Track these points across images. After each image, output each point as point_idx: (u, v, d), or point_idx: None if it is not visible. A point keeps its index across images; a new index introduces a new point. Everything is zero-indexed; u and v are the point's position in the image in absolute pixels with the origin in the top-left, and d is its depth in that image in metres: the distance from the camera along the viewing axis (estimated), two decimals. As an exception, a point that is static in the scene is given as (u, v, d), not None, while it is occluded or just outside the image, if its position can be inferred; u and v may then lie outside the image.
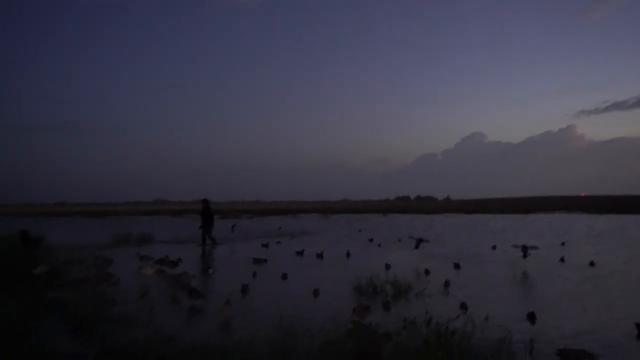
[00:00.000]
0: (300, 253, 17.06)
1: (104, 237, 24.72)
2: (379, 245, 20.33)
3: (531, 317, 7.70)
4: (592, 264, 13.73)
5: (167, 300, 9.07)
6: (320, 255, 16.00)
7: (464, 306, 8.22)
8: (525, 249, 15.02)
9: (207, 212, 18.91)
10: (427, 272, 12.17)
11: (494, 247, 18.34)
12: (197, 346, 5.73)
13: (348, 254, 16.48)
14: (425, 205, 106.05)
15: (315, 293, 9.53)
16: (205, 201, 19.52)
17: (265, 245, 19.72)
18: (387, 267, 12.96)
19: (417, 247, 18.19)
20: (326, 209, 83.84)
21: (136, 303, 8.87)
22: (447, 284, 10.52)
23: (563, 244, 19.55)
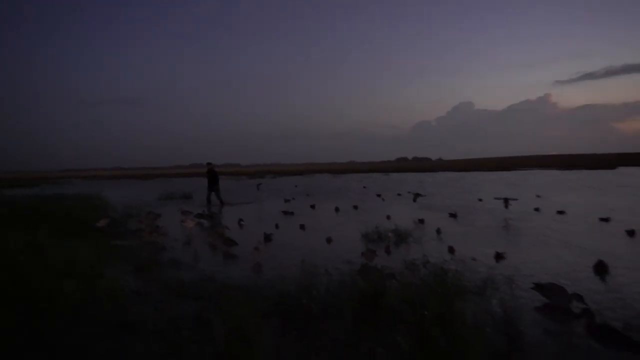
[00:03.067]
0: (312, 207, 17.14)
1: (154, 196, 25.28)
2: (383, 199, 20.44)
3: (499, 256, 7.89)
4: (561, 212, 13.82)
5: (207, 247, 9.35)
6: (337, 209, 16.14)
7: (451, 250, 8.35)
8: (506, 201, 15.08)
9: (212, 174, 17.93)
10: (422, 221, 12.32)
11: (480, 200, 18.42)
12: (233, 284, 6.01)
13: (356, 207, 16.60)
14: (422, 165, 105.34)
15: (329, 240, 9.72)
16: (209, 164, 18.27)
17: (288, 201, 20.00)
18: (388, 217, 13.09)
19: (414, 200, 18.34)
20: (336, 170, 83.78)
21: (181, 250, 9.16)
22: (439, 231, 10.67)
23: (538, 196, 19.53)
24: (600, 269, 6.91)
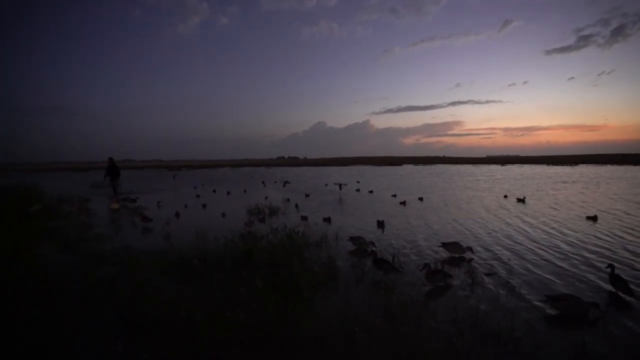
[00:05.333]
0: (214, 191, 16.25)
1: (87, 185, 21.52)
2: (264, 185, 20.28)
3: (328, 220, 8.41)
4: (371, 191, 15.22)
5: (128, 224, 8.33)
6: (228, 193, 15.55)
7: (304, 218, 8.67)
8: (340, 185, 16.13)
9: (112, 166, 14.69)
10: (288, 200, 12.56)
11: (326, 185, 19.38)
12: (146, 251, 5.47)
13: (245, 191, 16.25)
14: (294, 161, 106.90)
15: (223, 215, 9.36)
16: (110, 159, 14.76)
17: (196, 187, 18.66)
18: (266, 197, 13.07)
19: (284, 185, 18.56)
20: (234, 164, 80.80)
21: (106, 227, 8.00)
22: (297, 206, 10.98)
23: (358, 182, 21.16)
24: (380, 224, 7.79)
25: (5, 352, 2.63)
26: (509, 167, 44.14)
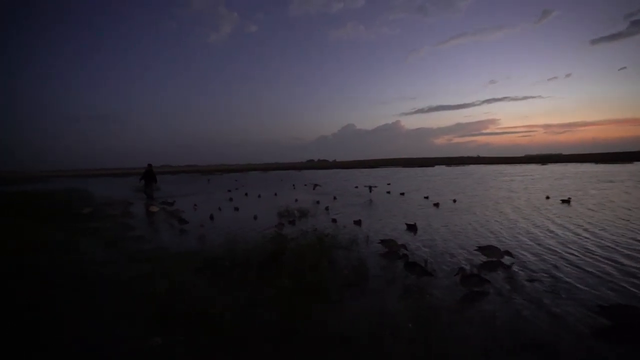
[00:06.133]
0: (246, 194, 16.71)
1: (130, 189, 22.84)
2: (294, 188, 20.50)
3: (358, 222, 8.29)
4: (402, 194, 14.88)
5: (165, 226, 8.72)
6: (259, 196, 15.87)
7: (334, 220, 8.63)
8: (370, 187, 15.91)
9: (149, 173, 14.90)
10: (318, 202, 12.58)
11: (356, 187, 19.22)
12: (181, 251, 5.69)
13: (275, 194, 16.51)
14: (323, 164, 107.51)
15: (255, 218, 9.52)
16: (149, 165, 14.94)
17: (229, 191, 19.27)
18: (296, 200, 13.19)
19: (314, 188, 18.65)
20: (265, 168, 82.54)
21: (145, 228, 8.44)
22: (327, 208, 10.96)
23: (389, 184, 20.81)
24: (412, 227, 7.54)
25: (53, 339, 2.82)
26: (549, 166, 41.38)
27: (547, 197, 12.15)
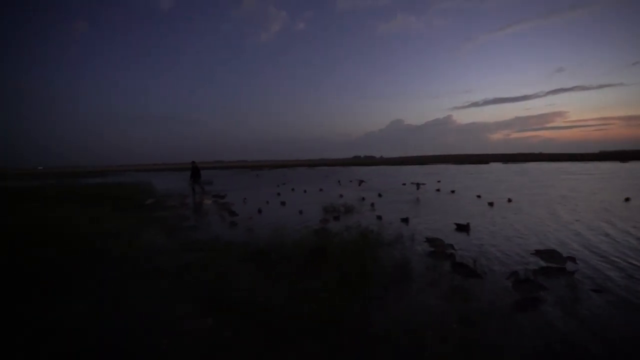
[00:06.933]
0: (292, 190, 17.03)
1: (186, 182, 24.68)
2: (340, 183, 20.50)
3: (405, 220, 8.04)
4: (452, 191, 14.19)
5: (217, 217, 9.26)
6: (304, 191, 16.15)
7: (379, 217, 8.50)
8: (417, 184, 15.40)
9: (195, 169, 15.46)
10: (363, 198, 12.48)
11: (404, 184, 18.67)
12: (231, 241, 6.01)
13: (321, 189, 16.68)
14: (370, 161, 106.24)
15: (300, 212, 9.72)
16: (193, 162, 15.56)
17: (278, 186, 19.88)
18: (341, 196, 13.23)
19: (359, 184, 18.51)
20: (311, 164, 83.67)
21: (200, 219, 9.05)
22: (372, 205, 10.83)
23: (439, 181, 19.84)
24: (462, 227, 7.12)
25: (123, 317, 3.19)
26: (633, 163, 36.31)
27: (627, 199, 10.73)
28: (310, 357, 2.54)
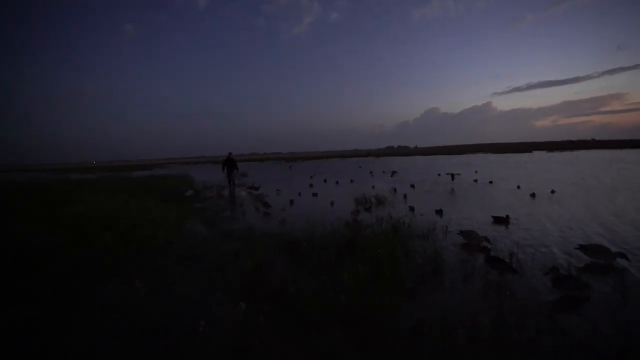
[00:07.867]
0: (325, 181, 17.09)
1: (223, 175, 25.62)
2: (372, 175, 20.28)
3: (439, 212, 7.83)
4: (490, 182, 13.52)
5: (252, 208, 9.54)
6: (336, 182, 16.15)
7: (411, 208, 8.34)
8: (452, 175, 14.86)
9: (230, 161, 14.97)
10: (395, 190, 12.28)
11: (439, 174, 18.07)
12: (264, 232, 6.22)
13: (352, 181, 16.60)
14: (404, 151, 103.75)
15: (332, 203, 9.75)
16: (229, 154, 15.10)
17: (311, 177, 20.11)
18: (373, 187, 13.10)
19: (392, 175, 18.22)
20: (344, 155, 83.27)
21: (236, 210, 9.41)
22: (405, 196, 10.63)
23: (476, 172, 19.02)
24: (499, 220, 6.82)
25: (164, 299, 3.45)
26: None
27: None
28: (339, 345, 2.60)
